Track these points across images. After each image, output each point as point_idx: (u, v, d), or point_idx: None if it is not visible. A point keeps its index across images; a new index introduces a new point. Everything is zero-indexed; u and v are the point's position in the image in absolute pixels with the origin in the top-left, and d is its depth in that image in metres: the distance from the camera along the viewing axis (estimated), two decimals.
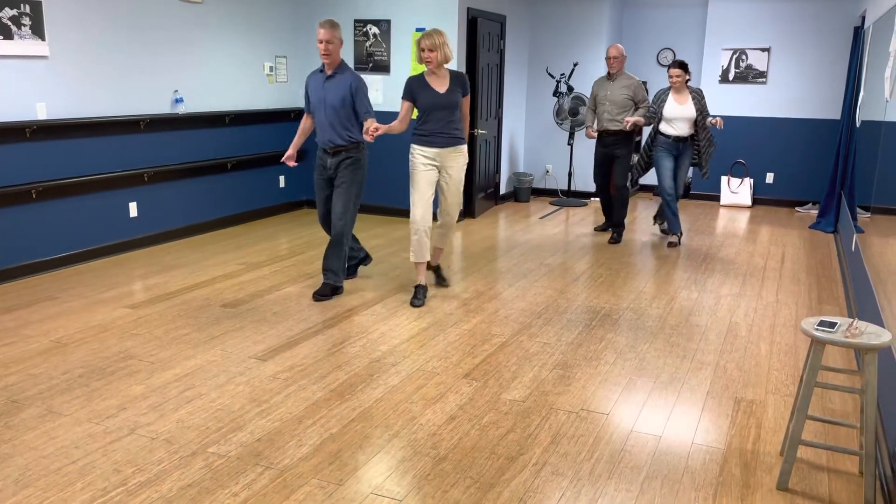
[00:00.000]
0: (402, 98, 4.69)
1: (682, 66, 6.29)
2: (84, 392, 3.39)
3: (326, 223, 4.96)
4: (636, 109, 6.63)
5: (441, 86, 4.63)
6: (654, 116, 6.45)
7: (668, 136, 6.40)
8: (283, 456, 2.87)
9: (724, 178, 8.91)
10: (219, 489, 2.63)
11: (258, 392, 3.44)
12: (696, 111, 6.30)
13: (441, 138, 4.66)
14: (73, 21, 5.36)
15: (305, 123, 4.97)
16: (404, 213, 7.64)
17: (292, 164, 4.99)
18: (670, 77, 6.30)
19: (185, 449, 2.90)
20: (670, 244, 6.54)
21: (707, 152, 6.47)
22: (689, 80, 6.33)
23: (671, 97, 6.35)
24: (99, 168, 5.71)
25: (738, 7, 8.64)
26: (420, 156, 4.68)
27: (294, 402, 3.35)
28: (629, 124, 6.40)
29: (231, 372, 3.67)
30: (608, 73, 6.73)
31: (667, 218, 6.57)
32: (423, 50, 4.52)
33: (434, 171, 4.71)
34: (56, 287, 5.01)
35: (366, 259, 5.43)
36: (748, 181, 8.80)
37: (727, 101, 8.86)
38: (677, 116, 6.32)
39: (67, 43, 5.35)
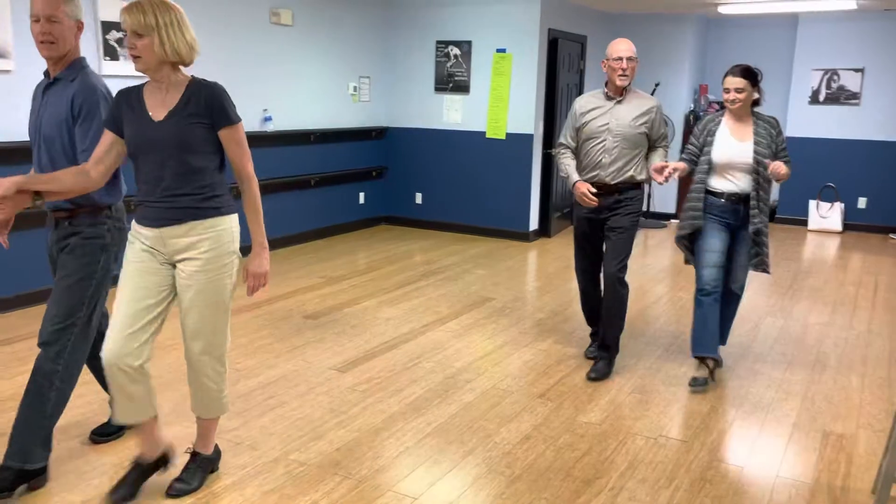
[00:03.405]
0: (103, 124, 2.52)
1: (748, 73, 3.68)
2: (174, 396, 3.56)
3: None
4: (650, 152, 3.97)
5: (163, 105, 2.45)
6: (696, 160, 3.88)
7: (718, 195, 3.78)
8: (361, 466, 2.93)
9: (812, 203, 8.57)
10: (299, 496, 2.70)
11: (337, 403, 3.52)
12: (762, 154, 3.68)
13: (154, 210, 2.47)
14: None
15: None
16: (477, 230, 7.69)
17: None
18: (725, 91, 3.70)
19: (267, 455, 3.00)
20: (694, 381, 3.80)
21: (762, 231, 3.79)
22: (758, 99, 3.75)
23: (725, 127, 3.79)
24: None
25: (829, 26, 8.35)
26: (135, 238, 2.53)
27: (371, 414, 3.41)
28: (667, 172, 3.68)
29: (311, 382, 3.77)
30: (613, 86, 3.90)
31: (693, 330, 3.86)
32: (125, 34, 2.39)
33: (155, 268, 2.50)
34: None
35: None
36: (838, 206, 8.44)
37: (817, 123, 8.55)
38: (734, 161, 3.72)
39: None
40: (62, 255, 2.67)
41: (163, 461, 2.73)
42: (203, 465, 2.76)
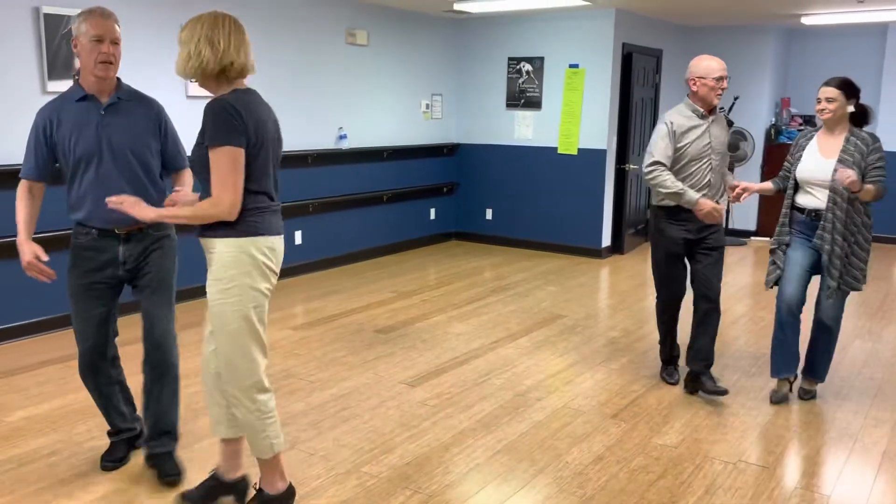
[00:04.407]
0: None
1: (842, 84, 3.51)
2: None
3: (101, 357, 2.90)
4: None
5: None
6: (787, 176, 3.72)
7: (801, 211, 3.64)
8: (431, 482, 2.93)
9: None
10: None
11: (407, 417, 3.55)
12: (847, 172, 3.37)
13: None
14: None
15: (32, 198, 2.82)
16: (548, 246, 7.64)
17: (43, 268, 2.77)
18: (817, 101, 3.53)
19: (340, 466, 3.05)
20: (774, 395, 3.79)
21: (841, 248, 3.52)
22: (862, 115, 3.56)
23: (815, 142, 3.63)
24: None
25: None
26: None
27: (441, 429, 3.42)
28: (737, 191, 3.68)
29: (383, 395, 3.81)
30: (706, 104, 3.73)
31: (771, 349, 3.80)
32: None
33: None
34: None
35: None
36: None
37: None
38: (813, 178, 3.56)
39: (249, 85, 5.86)
40: (152, 256, 2.87)
41: (237, 488, 2.71)
42: (266, 502, 2.61)
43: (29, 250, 2.73)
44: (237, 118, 2.34)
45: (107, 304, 2.88)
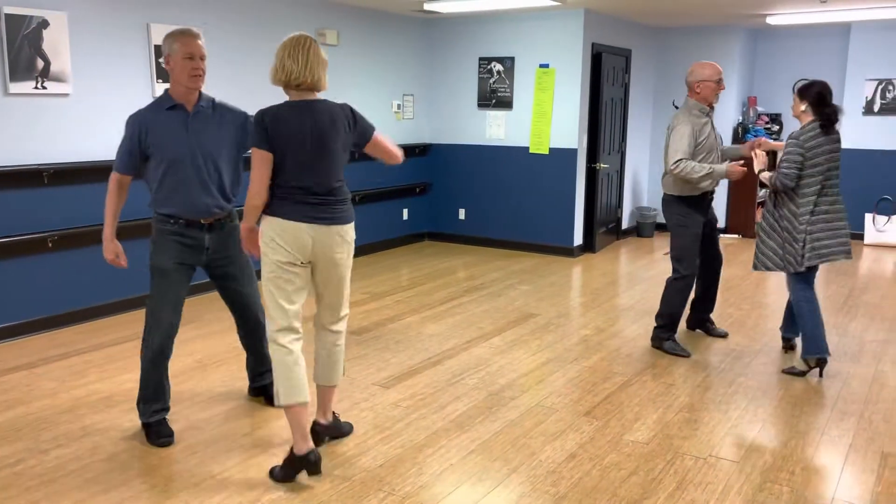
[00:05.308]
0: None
1: (799, 89, 4.10)
2: (222, 411, 3.62)
3: (174, 333, 3.27)
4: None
5: None
6: None
7: None
8: (405, 483, 2.93)
9: (868, 216, 8.32)
10: None
11: (381, 419, 3.54)
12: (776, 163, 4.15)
13: None
14: (226, 67, 5.83)
15: (121, 191, 3.19)
16: (521, 245, 7.67)
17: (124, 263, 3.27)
18: None
19: None
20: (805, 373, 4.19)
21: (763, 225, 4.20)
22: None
23: None
24: (239, 202, 6.11)
25: (883, 35, 8.12)
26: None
27: (415, 430, 3.42)
28: (755, 144, 4.45)
29: (356, 398, 3.79)
30: (708, 103, 4.36)
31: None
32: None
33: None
34: (203, 310, 5.38)
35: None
36: None
37: (872, 134, 8.30)
38: None
39: (219, 84, 5.80)
40: (233, 245, 3.33)
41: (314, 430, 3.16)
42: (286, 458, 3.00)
43: (114, 249, 3.19)
44: (262, 126, 2.84)
45: (187, 283, 3.28)
